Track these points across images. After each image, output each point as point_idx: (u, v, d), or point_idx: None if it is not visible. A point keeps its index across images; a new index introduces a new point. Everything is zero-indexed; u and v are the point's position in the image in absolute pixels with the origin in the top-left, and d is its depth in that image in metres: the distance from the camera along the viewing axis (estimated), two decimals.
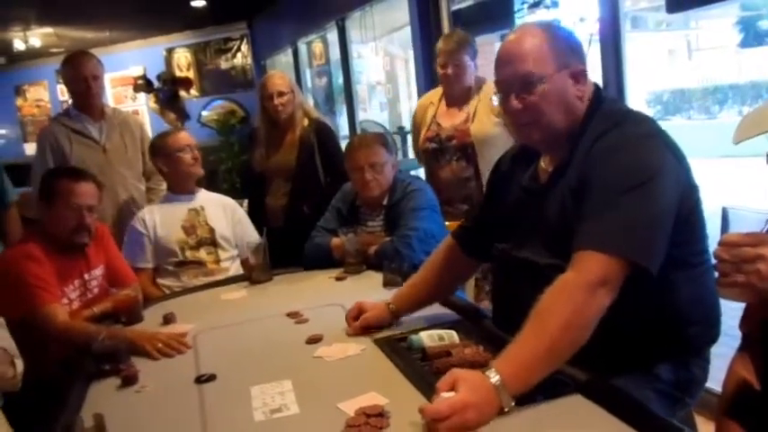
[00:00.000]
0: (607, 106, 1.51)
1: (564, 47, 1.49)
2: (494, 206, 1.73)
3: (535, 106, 1.47)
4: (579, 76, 1.48)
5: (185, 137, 2.91)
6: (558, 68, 1.46)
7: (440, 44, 3.13)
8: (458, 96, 3.12)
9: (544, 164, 1.58)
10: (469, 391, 1.18)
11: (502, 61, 1.51)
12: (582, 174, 1.41)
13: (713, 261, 1.11)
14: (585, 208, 1.36)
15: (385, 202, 2.61)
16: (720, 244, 1.07)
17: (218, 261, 2.80)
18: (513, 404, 1.20)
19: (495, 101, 1.60)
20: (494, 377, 1.20)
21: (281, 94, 3.19)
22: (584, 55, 1.55)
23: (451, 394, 1.18)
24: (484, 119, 2.95)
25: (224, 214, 2.90)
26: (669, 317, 1.43)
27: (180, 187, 2.88)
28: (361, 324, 1.74)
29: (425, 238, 2.40)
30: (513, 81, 1.48)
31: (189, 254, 2.77)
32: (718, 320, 1.51)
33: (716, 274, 1.09)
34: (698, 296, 1.46)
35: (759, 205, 1.15)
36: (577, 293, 1.27)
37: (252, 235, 2.86)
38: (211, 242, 2.81)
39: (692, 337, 1.46)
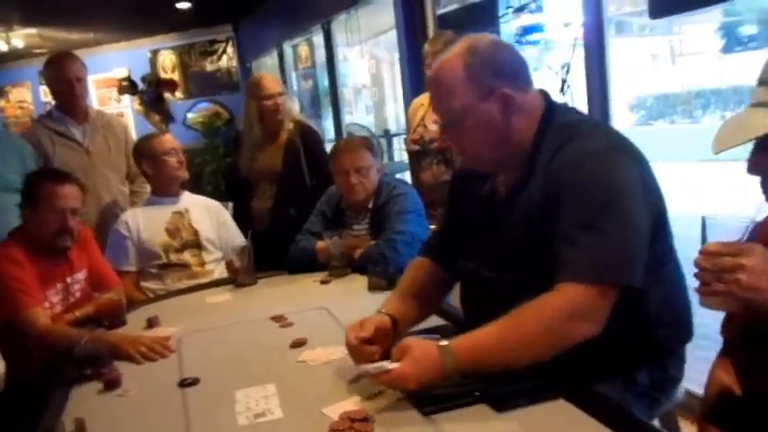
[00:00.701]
0: (559, 117, 1.45)
1: (487, 72, 1.40)
2: (457, 217, 1.67)
3: (460, 142, 1.46)
4: (509, 100, 1.40)
5: (170, 140, 2.90)
6: (482, 98, 1.40)
7: (426, 46, 3.15)
8: None
9: (503, 177, 1.53)
10: (411, 361, 1.27)
11: (429, 93, 1.49)
12: (545, 189, 1.37)
13: (688, 265, 1.12)
14: (560, 230, 1.33)
15: (370, 205, 2.61)
16: (701, 253, 1.08)
17: (202, 264, 2.79)
18: (456, 376, 1.27)
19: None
20: (442, 343, 1.28)
21: (280, 94, 3.20)
22: (522, 68, 1.45)
23: (396, 365, 1.27)
24: None
25: (208, 217, 2.89)
26: (641, 322, 1.43)
27: (164, 190, 2.86)
28: (363, 332, 1.50)
29: (411, 241, 2.40)
30: (439, 116, 1.47)
31: (173, 256, 2.76)
32: (690, 320, 1.52)
33: (696, 282, 1.09)
34: (667, 298, 1.46)
35: (741, 209, 1.16)
36: (555, 320, 1.28)
37: (237, 238, 2.85)
38: (196, 244, 2.80)
39: (664, 339, 1.47)
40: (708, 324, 1.54)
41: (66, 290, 2.33)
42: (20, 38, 7.85)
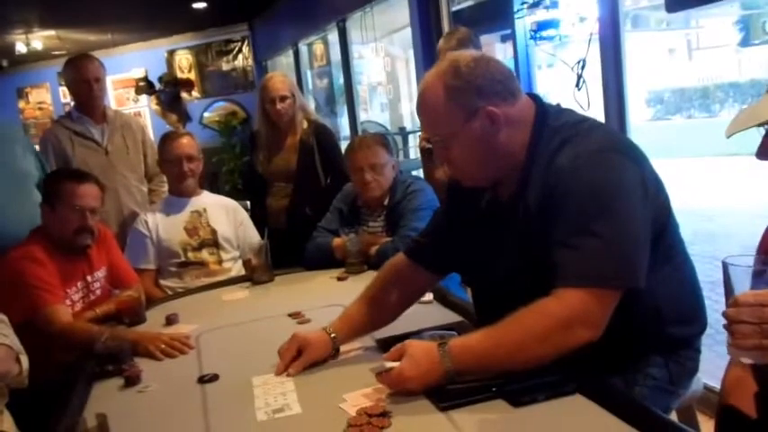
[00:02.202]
0: (552, 121, 1.43)
1: (469, 92, 1.38)
2: (453, 218, 1.65)
3: (453, 163, 1.47)
4: (494, 116, 1.39)
5: (183, 146, 2.82)
6: (466, 119, 1.39)
7: (441, 42, 3.15)
8: None
9: (503, 189, 1.52)
10: (411, 362, 1.31)
11: (417, 112, 1.50)
12: (542, 195, 1.37)
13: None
14: (557, 235, 1.32)
15: (386, 202, 2.62)
16: (734, 305, 1.02)
17: (220, 262, 2.81)
18: (456, 384, 1.29)
19: None
20: (441, 344, 1.31)
21: (282, 98, 3.18)
22: (505, 77, 1.42)
23: (395, 364, 1.31)
24: None
25: (226, 217, 2.90)
26: (652, 319, 1.42)
27: (179, 190, 2.88)
28: (305, 363, 1.55)
29: None
30: (429, 136, 1.49)
31: (191, 255, 2.78)
32: (702, 311, 1.51)
33: (726, 334, 1.04)
34: (677, 293, 1.46)
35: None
36: (552, 326, 1.28)
37: (254, 237, 2.87)
38: (213, 243, 2.82)
39: (677, 334, 1.46)
40: (710, 314, 1.54)
41: (87, 288, 2.36)
42: (39, 39, 7.94)
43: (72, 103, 3.38)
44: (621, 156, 1.36)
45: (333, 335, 1.60)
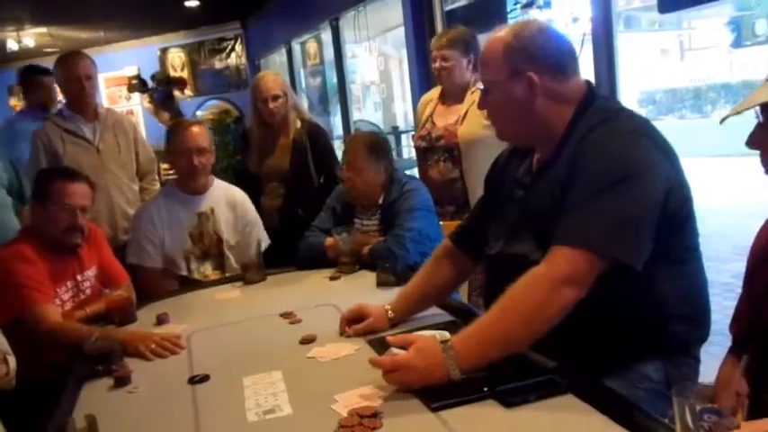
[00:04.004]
0: (599, 103, 1.50)
1: (522, 55, 1.45)
2: (490, 201, 1.74)
3: (489, 111, 1.53)
4: (533, 83, 1.45)
5: (193, 137, 2.62)
6: (509, 76, 1.46)
7: (433, 41, 3.14)
8: (453, 94, 3.12)
9: (538, 157, 1.58)
10: (416, 353, 1.32)
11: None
12: (570, 167, 1.42)
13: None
14: (567, 201, 1.38)
15: (380, 201, 2.61)
16: None
17: (223, 276, 2.70)
18: (459, 374, 1.30)
19: None
20: (445, 343, 1.32)
21: (275, 97, 3.14)
22: (563, 55, 1.49)
23: (401, 352, 1.33)
24: (473, 120, 2.94)
25: (233, 217, 2.75)
26: (656, 312, 1.44)
27: (188, 187, 2.70)
28: (364, 329, 1.71)
29: (419, 238, 2.40)
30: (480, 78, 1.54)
31: (194, 266, 2.67)
32: (707, 320, 1.52)
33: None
34: (686, 293, 1.46)
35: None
36: (541, 289, 1.32)
37: (260, 236, 2.75)
38: (218, 254, 2.71)
39: (679, 334, 1.47)
40: (720, 321, 1.54)
41: (77, 287, 2.34)
42: (31, 37, 7.90)
43: (63, 101, 3.35)
44: (652, 142, 1.40)
45: (389, 311, 1.74)
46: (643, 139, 1.40)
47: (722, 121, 1.12)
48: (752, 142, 1.14)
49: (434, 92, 3.25)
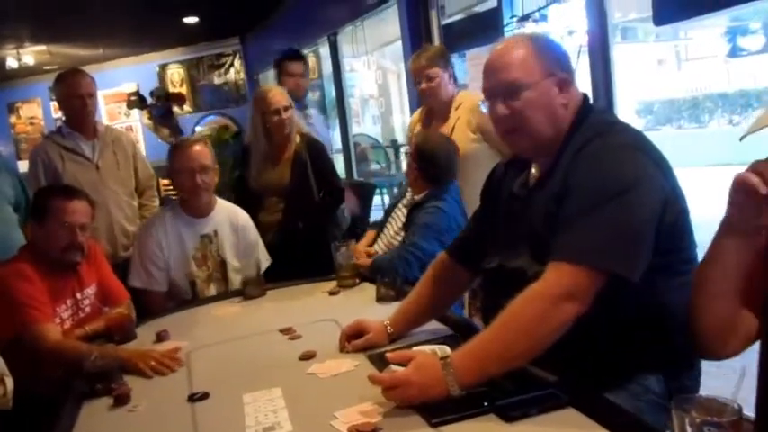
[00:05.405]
0: (594, 116, 1.52)
1: (549, 56, 1.50)
2: (486, 214, 1.74)
3: (521, 113, 1.49)
4: (564, 84, 1.49)
5: (195, 155, 2.58)
6: (544, 77, 1.47)
7: (410, 64, 3.18)
8: (438, 111, 3.15)
9: (534, 170, 1.60)
10: (416, 369, 1.32)
11: (489, 69, 1.54)
12: (564, 181, 1.42)
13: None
14: (563, 216, 1.39)
15: (417, 198, 2.66)
16: None
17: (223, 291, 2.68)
18: (459, 390, 1.29)
19: (484, 108, 1.63)
20: (444, 360, 1.32)
21: (285, 109, 3.14)
22: (571, 65, 1.56)
23: (400, 369, 1.32)
24: (460, 136, 2.96)
25: (236, 239, 2.72)
26: (658, 325, 1.43)
27: (191, 208, 2.66)
28: (363, 345, 1.71)
29: (423, 257, 2.43)
30: (500, 88, 1.50)
31: (199, 290, 2.64)
32: None
33: None
34: (686, 305, 1.46)
35: None
36: (542, 305, 1.32)
37: (260, 256, 2.76)
38: (222, 276, 2.69)
39: (680, 346, 1.46)
40: None
41: (76, 305, 2.34)
42: (30, 55, 7.94)
43: (63, 119, 3.37)
44: (646, 156, 1.41)
45: (388, 326, 1.75)
46: (638, 153, 1.40)
47: (742, 138, 1.12)
48: None
49: (420, 112, 3.30)
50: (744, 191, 1.11)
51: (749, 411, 1.13)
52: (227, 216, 2.75)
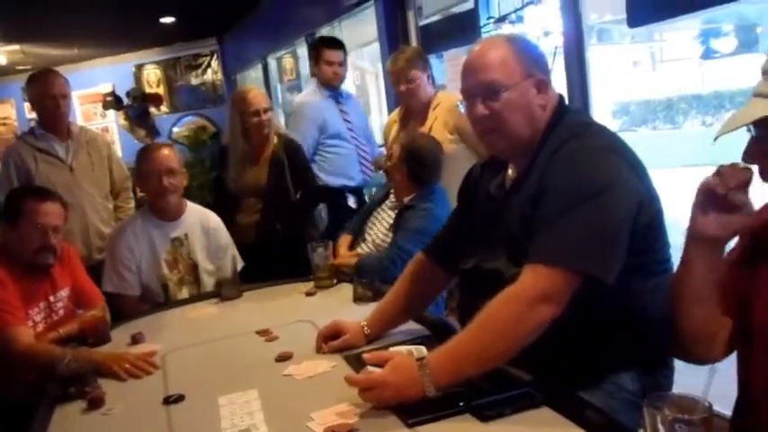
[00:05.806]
0: (570, 117, 1.53)
1: (528, 57, 1.51)
2: (463, 215, 1.75)
3: (500, 113, 1.49)
4: (542, 85, 1.50)
5: (162, 158, 2.59)
6: (523, 78, 1.48)
7: (388, 66, 3.18)
8: (416, 111, 3.15)
9: (511, 172, 1.60)
10: (391, 370, 1.33)
11: (469, 70, 1.53)
12: (540, 182, 1.43)
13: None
14: (539, 217, 1.40)
15: (406, 200, 2.65)
16: None
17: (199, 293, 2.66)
18: (434, 391, 1.30)
19: (462, 108, 1.63)
20: (421, 361, 1.32)
21: (265, 110, 3.13)
22: (548, 66, 1.58)
23: (377, 370, 1.32)
24: (438, 136, 2.96)
25: (207, 241, 2.71)
26: (633, 326, 1.45)
27: (160, 212, 2.65)
28: (340, 346, 1.71)
29: (408, 260, 2.42)
30: (479, 88, 1.50)
31: (171, 293, 2.62)
32: None
33: None
34: (660, 304, 1.47)
35: None
36: (518, 307, 1.32)
37: (233, 257, 2.72)
38: (194, 280, 2.67)
39: (654, 345, 1.48)
40: None
41: (49, 308, 2.31)
42: (3, 54, 7.81)
43: (36, 120, 3.32)
44: (621, 158, 1.42)
45: (365, 327, 1.74)
46: (613, 155, 1.41)
47: (715, 139, 1.13)
48: (748, 156, 1.15)
49: (398, 111, 3.30)
50: (704, 192, 1.14)
51: (721, 408, 1.14)
52: (198, 219, 2.74)
